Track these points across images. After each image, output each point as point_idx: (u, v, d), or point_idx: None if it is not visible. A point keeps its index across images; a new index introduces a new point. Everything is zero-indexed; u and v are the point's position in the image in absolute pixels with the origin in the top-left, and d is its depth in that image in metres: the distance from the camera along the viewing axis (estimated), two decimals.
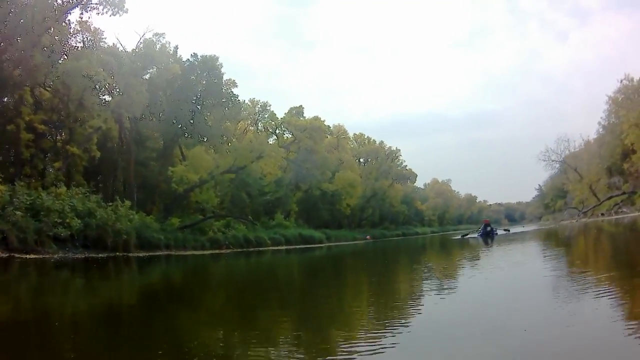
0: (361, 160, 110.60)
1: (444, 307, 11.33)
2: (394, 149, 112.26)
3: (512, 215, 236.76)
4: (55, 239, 31.41)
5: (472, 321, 9.41)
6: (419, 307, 11.65)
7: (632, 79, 72.90)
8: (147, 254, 37.91)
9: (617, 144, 76.56)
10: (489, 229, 54.29)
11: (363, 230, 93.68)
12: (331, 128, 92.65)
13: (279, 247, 56.15)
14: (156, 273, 29.01)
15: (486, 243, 39.38)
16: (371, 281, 18.94)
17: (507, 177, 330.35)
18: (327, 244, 67.31)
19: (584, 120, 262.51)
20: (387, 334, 8.58)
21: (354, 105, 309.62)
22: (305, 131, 78.36)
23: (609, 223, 53.27)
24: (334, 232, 78.69)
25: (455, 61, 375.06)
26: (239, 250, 49.43)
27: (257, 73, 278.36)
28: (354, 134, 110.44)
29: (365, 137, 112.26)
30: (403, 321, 9.93)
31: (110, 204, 38.01)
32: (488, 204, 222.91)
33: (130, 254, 36.04)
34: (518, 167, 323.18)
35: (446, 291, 13.85)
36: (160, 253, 39.98)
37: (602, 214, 68.60)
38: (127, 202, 39.36)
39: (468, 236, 56.73)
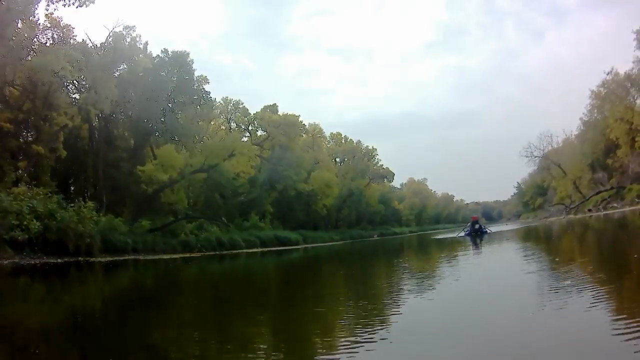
0: (337, 159, 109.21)
1: (426, 311, 10.61)
2: (371, 147, 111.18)
3: (490, 213, 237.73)
4: (11, 243, 29.17)
5: (455, 323, 8.94)
6: (400, 311, 10.84)
7: (618, 73, 72.55)
8: (113, 259, 35.56)
9: (600, 139, 76.48)
10: (477, 226, 49.76)
11: (340, 231, 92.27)
12: (306, 126, 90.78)
13: (254, 250, 54.08)
14: (123, 279, 26.97)
15: (475, 243, 36.21)
16: (351, 286, 17.17)
17: (484, 176, 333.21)
18: (303, 246, 65.41)
19: (560, 120, 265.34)
20: (367, 339, 8.06)
21: (328, 106, 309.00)
22: (280, 127, 75.92)
23: (598, 219, 51.43)
24: (311, 233, 76.84)
25: (430, 61, 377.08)
26: (211, 253, 47.27)
27: (230, 75, 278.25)
28: (331, 133, 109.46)
29: (342, 136, 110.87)
30: (384, 325, 9.25)
31: (73, 204, 35.55)
32: (465, 202, 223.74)
33: (94, 259, 33.76)
34: (494, 165, 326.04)
35: (428, 294, 12.85)
36: (127, 257, 37.69)
37: (590, 210, 67.37)
38: (91, 203, 36.91)
39: (455, 235, 52.93)
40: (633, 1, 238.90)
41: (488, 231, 50.92)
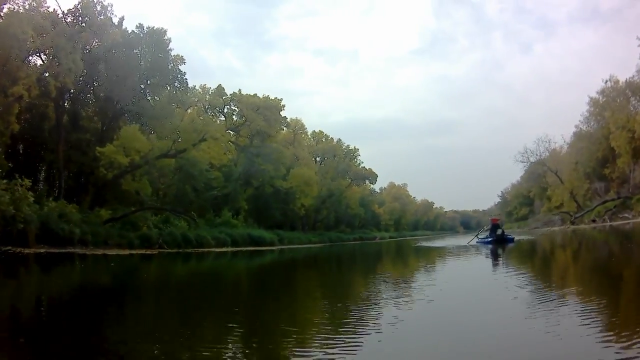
0: (318, 158, 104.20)
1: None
2: (352, 147, 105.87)
3: (468, 223, 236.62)
4: None
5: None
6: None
7: (618, 81, 70.00)
8: (52, 251, 29.98)
9: (597, 148, 73.15)
10: (500, 232, 38.44)
11: (318, 233, 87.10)
12: (288, 120, 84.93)
13: (224, 249, 48.33)
14: (62, 277, 21.59)
15: (495, 255, 27.92)
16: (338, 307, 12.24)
17: (463, 185, 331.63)
18: (279, 247, 60.06)
19: (543, 132, 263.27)
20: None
21: (311, 108, 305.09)
22: (259, 111, 68.13)
23: (608, 231, 46.12)
24: (287, 234, 71.37)
25: (415, 67, 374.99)
26: (175, 250, 41.70)
27: (214, 72, 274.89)
28: (312, 132, 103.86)
29: (323, 134, 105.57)
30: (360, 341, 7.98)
31: (7, 181, 29.47)
32: (444, 210, 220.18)
33: (29, 250, 28.16)
34: (475, 175, 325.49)
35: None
36: (73, 250, 32.07)
37: (594, 221, 62.71)
38: (27, 182, 30.80)
39: (466, 243, 42.53)
40: (623, 17, 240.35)
41: (515, 239, 39.76)
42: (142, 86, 52.92)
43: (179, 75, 55.11)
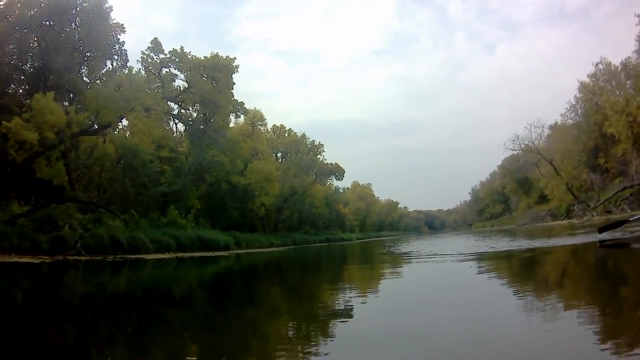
0: (279, 154, 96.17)
1: None
2: (317, 143, 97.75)
3: (433, 223, 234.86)
4: None
5: None
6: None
7: (610, 63, 65.55)
8: None
9: (588, 137, 69.67)
10: None
11: (280, 235, 78.69)
12: (246, 107, 75.66)
13: (166, 255, 38.94)
14: None
15: None
16: None
17: (427, 186, 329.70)
18: (236, 251, 51.10)
19: (507, 132, 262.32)
20: None
21: (272, 110, 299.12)
22: (205, 71, 55.72)
23: None
24: (246, 236, 62.29)
25: (377, 68, 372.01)
26: (100, 258, 32.10)
27: None
28: (273, 126, 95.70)
29: (286, 128, 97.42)
30: None
31: None
32: (408, 210, 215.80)
33: None
34: (438, 176, 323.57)
35: None
36: None
37: (609, 212, 55.53)
38: None
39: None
40: (590, 18, 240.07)
41: None
42: (78, 61, 46.27)
43: (116, 45, 47.44)
